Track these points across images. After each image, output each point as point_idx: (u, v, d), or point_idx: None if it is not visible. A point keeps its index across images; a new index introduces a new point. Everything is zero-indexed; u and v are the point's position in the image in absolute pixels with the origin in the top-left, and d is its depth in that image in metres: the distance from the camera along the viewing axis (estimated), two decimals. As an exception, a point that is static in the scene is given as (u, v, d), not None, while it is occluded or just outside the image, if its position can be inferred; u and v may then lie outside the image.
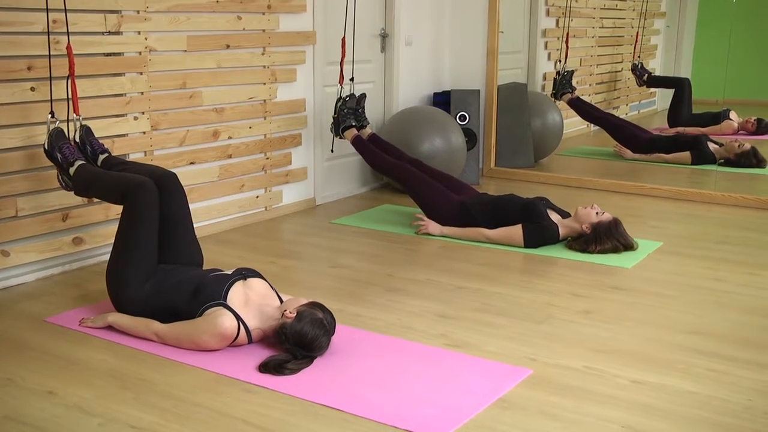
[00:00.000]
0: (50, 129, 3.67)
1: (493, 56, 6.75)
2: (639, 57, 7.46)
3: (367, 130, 5.30)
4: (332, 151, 5.54)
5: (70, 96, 3.72)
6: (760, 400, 2.80)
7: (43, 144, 3.68)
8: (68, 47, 3.69)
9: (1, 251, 3.89)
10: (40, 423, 2.62)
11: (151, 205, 3.39)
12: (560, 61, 7.25)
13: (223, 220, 5.04)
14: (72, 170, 3.60)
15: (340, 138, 5.31)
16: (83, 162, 3.63)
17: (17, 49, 3.79)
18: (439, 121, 5.95)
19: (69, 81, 3.70)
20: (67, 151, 3.63)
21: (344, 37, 5.20)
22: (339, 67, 5.25)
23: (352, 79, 5.31)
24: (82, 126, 3.77)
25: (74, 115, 3.75)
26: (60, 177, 3.72)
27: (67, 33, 3.73)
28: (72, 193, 3.71)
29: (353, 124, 5.23)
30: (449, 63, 6.94)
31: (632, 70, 7.52)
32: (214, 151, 4.91)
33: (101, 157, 3.73)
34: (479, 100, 6.61)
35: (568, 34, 7.22)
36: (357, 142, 5.21)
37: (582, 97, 7.30)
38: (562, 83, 7.22)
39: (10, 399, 2.78)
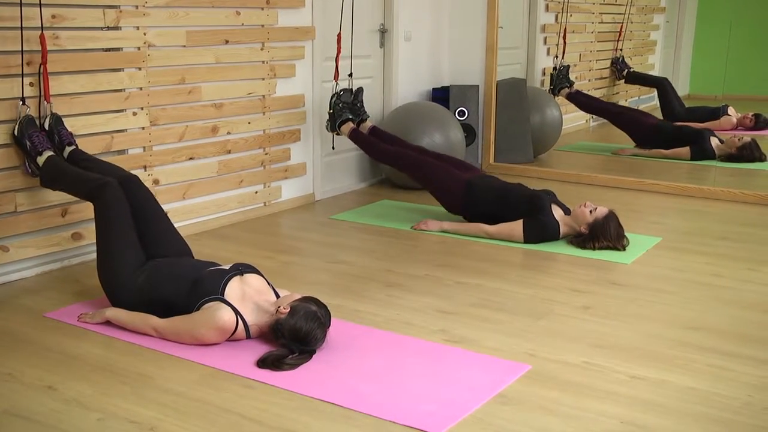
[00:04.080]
0: (21, 116, 3.72)
1: (492, 52, 6.74)
2: (621, 51, 7.43)
3: (368, 124, 5.30)
4: (333, 147, 5.54)
5: (42, 85, 3.77)
6: (759, 396, 2.81)
7: (13, 130, 3.71)
8: (41, 36, 3.74)
9: (1, 246, 3.88)
10: (39, 418, 2.62)
11: (119, 201, 3.46)
12: (557, 56, 7.24)
13: (221, 215, 5.03)
14: (40, 160, 3.69)
15: (337, 134, 5.31)
16: (52, 153, 3.70)
17: (16, 45, 3.78)
18: (438, 117, 5.95)
19: (41, 69, 3.75)
20: (36, 140, 3.69)
21: (340, 32, 5.19)
22: (341, 62, 5.24)
23: (350, 75, 5.30)
24: (52, 114, 3.80)
25: (45, 103, 3.78)
26: (27, 164, 3.79)
27: (41, 25, 3.76)
28: (35, 178, 3.80)
29: (350, 117, 5.22)
30: (448, 58, 6.93)
31: (612, 63, 7.48)
32: (213, 146, 4.90)
33: (68, 149, 3.80)
34: (478, 96, 6.60)
35: (565, 29, 7.20)
36: (354, 136, 5.20)
37: (580, 91, 7.29)
38: (559, 78, 7.21)
39: (9, 394, 2.78)
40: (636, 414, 2.67)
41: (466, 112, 6.49)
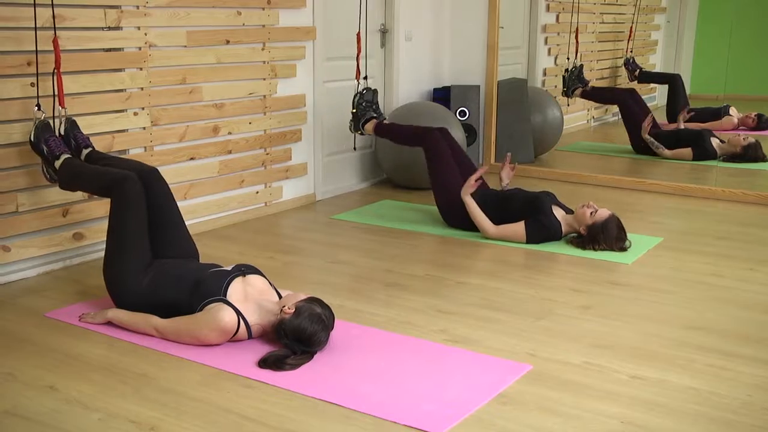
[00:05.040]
0: (36, 121, 3.69)
1: (493, 52, 6.74)
2: (631, 52, 7.44)
3: (386, 122, 5.26)
4: (355, 148, 5.51)
5: (56, 89, 3.74)
6: (759, 396, 2.81)
7: (29, 136, 3.70)
8: (54, 41, 3.71)
9: (2, 246, 3.89)
10: (40, 418, 2.62)
11: (137, 198, 3.42)
12: (568, 58, 7.22)
13: (222, 215, 5.04)
14: (57, 163, 3.65)
15: (361, 133, 5.26)
16: (69, 156, 3.67)
17: (17, 45, 3.79)
18: (439, 117, 5.94)
19: (55, 74, 3.72)
20: (53, 144, 3.66)
21: (359, 32, 5.18)
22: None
23: (366, 78, 5.27)
24: (67, 119, 3.79)
25: (60, 108, 3.76)
26: (45, 169, 3.76)
27: (54, 27, 3.74)
28: (54, 183, 3.77)
29: (374, 115, 5.18)
30: (449, 58, 6.93)
31: (624, 65, 7.50)
32: (214, 146, 4.90)
33: (85, 151, 3.77)
34: (479, 96, 6.60)
35: (578, 29, 7.19)
36: (379, 129, 5.16)
37: (595, 87, 7.30)
38: (572, 79, 7.19)
39: (10, 394, 2.79)
40: (636, 414, 2.67)
41: (467, 112, 6.49)
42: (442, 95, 6.61)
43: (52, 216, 4.08)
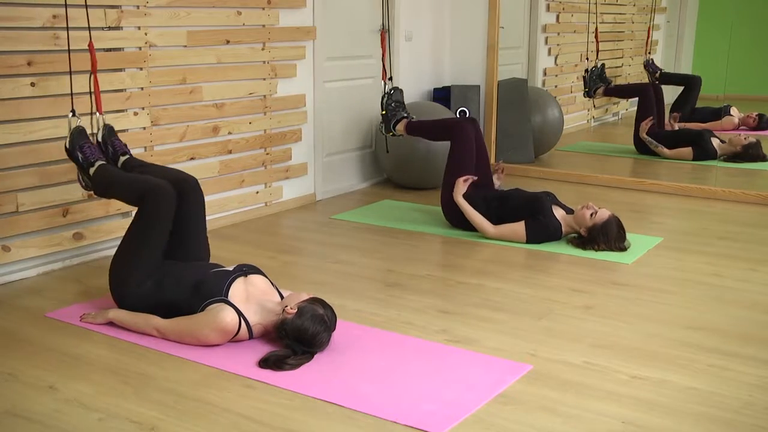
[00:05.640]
0: (71, 127, 3.60)
1: (494, 52, 6.74)
2: (649, 53, 7.44)
3: (415, 120, 5.21)
4: (387, 151, 5.47)
5: (93, 94, 3.64)
6: (760, 396, 2.81)
7: (65, 143, 3.63)
8: (90, 44, 3.62)
9: (2, 246, 3.89)
10: (40, 418, 2.62)
11: (167, 209, 3.38)
12: (587, 58, 7.20)
13: (223, 215, 5.03)
14: (92, 170, 3.56)
15: (393, 135, 5.17)
16: (103, 162, 3.60)
17: (17, 45, 3.79)
18: (439, 117, 5.94)
19: (92, 79, 3.63)
20: (88, 151, 3.57)
21: (382, 31, 5.16)
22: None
23: (390, 78, 5.22)
24: (105, 126, 3.71)
25: (97, 114, 3.68)
26: (80, 176, 3.66)
27: (89, 28, 3.66)
28: (90, 192, 3.71)
29: (405, 115, 5.11)
30: (449, 58, 6.93)
31: (645, 66, 7.49)
32: (214, 146, 4.90)
33: (122, 158, 3.68)
34: (479, 96, 6.60)
35: (597, 29, 7.17)
36: (410, 128, 5.09)
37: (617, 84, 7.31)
38: (593, 79, 7.17)
39: (10, 393, 2.78)
40: (637, 414, 2.67)
41: (467, 112, 6.49)
42: (442, 95, 6.61)
43: (52, 216, 4.07)
